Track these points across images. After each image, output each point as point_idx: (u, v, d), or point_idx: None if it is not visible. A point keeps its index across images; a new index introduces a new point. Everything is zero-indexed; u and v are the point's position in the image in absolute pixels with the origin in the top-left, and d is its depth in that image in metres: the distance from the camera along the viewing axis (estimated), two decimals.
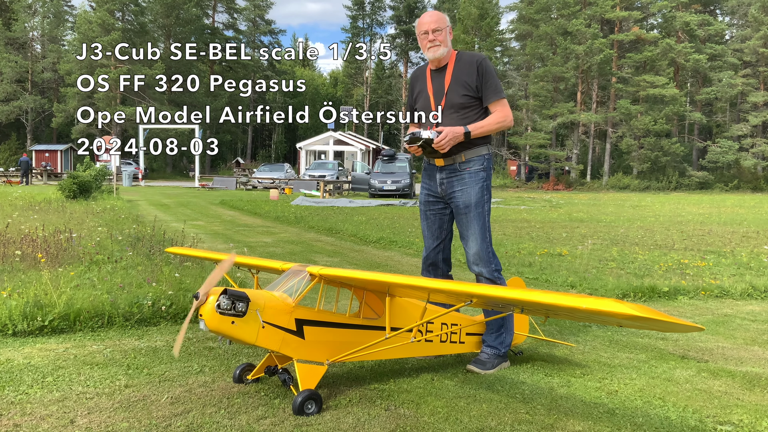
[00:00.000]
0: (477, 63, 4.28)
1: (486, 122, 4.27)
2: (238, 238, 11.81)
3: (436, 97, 4.39)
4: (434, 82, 4.41)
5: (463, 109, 4.29)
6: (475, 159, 4.32)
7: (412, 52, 77.76)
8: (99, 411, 3.32)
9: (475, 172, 4.32)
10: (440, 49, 4.31)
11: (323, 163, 41.72)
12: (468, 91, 4.27)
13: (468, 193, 4.32)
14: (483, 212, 4.32)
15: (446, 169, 4.38)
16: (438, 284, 3.24)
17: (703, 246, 11.17)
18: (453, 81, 4.31)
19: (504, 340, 4.28)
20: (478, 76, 4.25)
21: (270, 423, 3.20)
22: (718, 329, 5.55)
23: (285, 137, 76.26)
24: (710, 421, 3.39)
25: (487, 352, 4.25)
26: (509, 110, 4.35)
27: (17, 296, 5.05)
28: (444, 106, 4.34)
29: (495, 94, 4.27)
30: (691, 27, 52.12)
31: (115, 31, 52.29)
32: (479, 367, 4.16)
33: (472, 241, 4.35)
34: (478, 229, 4.32)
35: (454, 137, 4.15)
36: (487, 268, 4.32)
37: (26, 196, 19.81)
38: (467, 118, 4.27)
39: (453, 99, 4.30)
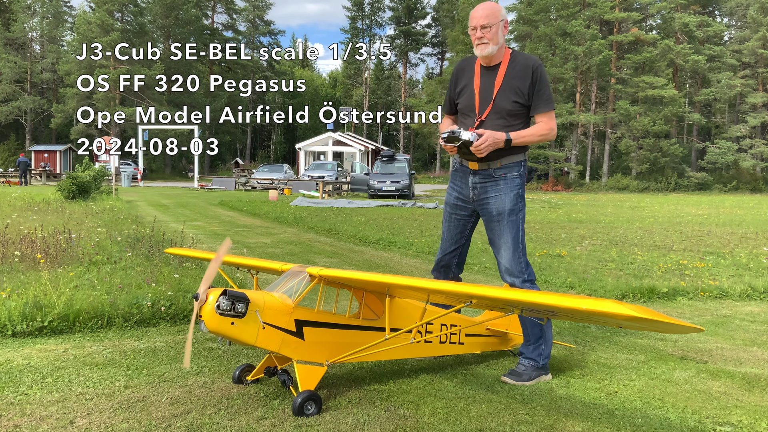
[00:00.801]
0: (533, 68, 4.04)
1: (529, 132, 4.08)
2: (238, 239, 11.81)
3: (482, 97, 4.13)
4: (483, 80, 4.14)
5: (510, 116, 4.07)
6: (512, 165, 4.13)
7: (411, 53, 77.82)
8: (99, 412, 3.32)
9: (511, 178, 4.13)
10: (488, 47, 4.02)
11: (322, 164, 41.72)
12: (519, 98, 4.04)
13: (502, 200, 4.12)
14: (517, 220, 4.13)
15: (480, 173, 4.17)
16: (437, 285, 3.24)
17: (702, 247, 11.18)
18: (504, 84, 4.06)
19: (542, 352, 4.10)
20: (532, 83, 4.02)
21: (270, 424, 3.20)
22: (717, 330, 5.55)
23: (284, 138, 76.28)
24: (709, 422, 3.40)
25: (525, 363, 4.08)
26: (554, 123, 4.13)
27: (16, 297, 5.05)
28: (491, 110, 4.09)
29: (545, 105, 4.07)
30: (690, 28, 52.17)
31: (114, 32, 52.26)
32: (515, 379, 3.98)
33: (504, 251, 4.14)
34: (511, 238, 4.12)
35: (494, 143, 3.94)
36: (519, 278, 4.12)
37: (25, 197, 19.80)
38: (512, 125, 4.07)
39: (502, 103, 4.07)
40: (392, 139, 75.68)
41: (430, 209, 21.83)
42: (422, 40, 77.26)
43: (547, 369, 4.12)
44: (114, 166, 28.13)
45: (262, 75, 70.43)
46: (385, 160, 33.82)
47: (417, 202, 25.32)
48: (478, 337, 4.35)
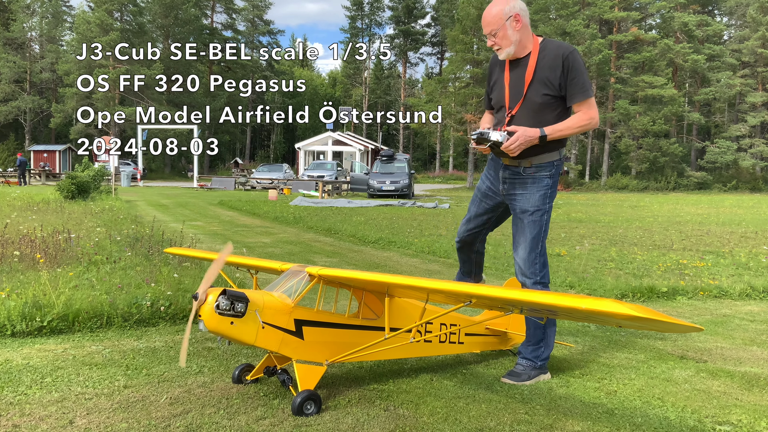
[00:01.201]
0: (563, 57, 3.83)
1: (566, 125, 3.88)
2: (237, 239, 11.80)
3: (512, 92, 4.00)
4: (512, 74, 4.01)
5: (542, 110, 3.91)
6: (544, 165, 4.00)
7: (411, 53, 77.81)
8: (98, 411, 3.32)
9: (540, 178, 4.01)
10: (504, 51, 3.95)
11: (322, 164, 41.71)
12: (549, 90, 3.87)
13: (527, 198, 4.03)
14: (540, 221, 4.02)
15: (510, 169, 4.07)
16: (437, 285, 3.23)
17: (702, 246, 11.18)
18: (535, 77, 3.90)
19: (541, 354, 4.08)
20: (563, 72, 3.83)
21: (269, 423, 3.20)
22: (717, 329, 5.55)
23: (284, 137, 76.28)
24: (709, 422, 3.40)
25: (523, 363, 4.06)
26: (595, 111, 3.92)
27: (16, 297, 5.04)
28: (521, 106, 3.95)
29: (581, 93, 3.85)
30: (689, 27, 52.18)
31: (113, 32, 52.23)
32: (514, 379, 3.97)
33: (521, 249, 4.08)
34: (530, 237, 4.03)
35: (526, 141, 3.81)
36: (531, 279, 4.05)
37: (24, 197, 19.80)
38: (545, 119, 3.90)
39: (533, 98, 3.91)
40: (392, 139, 75.68)
41: (429, 209, 21.83)
42: (422, 39, 77.32)
43: (545, 369, 4.11)
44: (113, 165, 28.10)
45: (262, 75, 70.44)
46: (384, 159, 33.82)
47: (416, 202, 25.32)
48: (477, 336, 4.35)
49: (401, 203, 24.46)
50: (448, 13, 70.83)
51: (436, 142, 68.59)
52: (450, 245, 10.60)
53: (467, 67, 51.63)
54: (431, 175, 64.57)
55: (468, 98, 49.48)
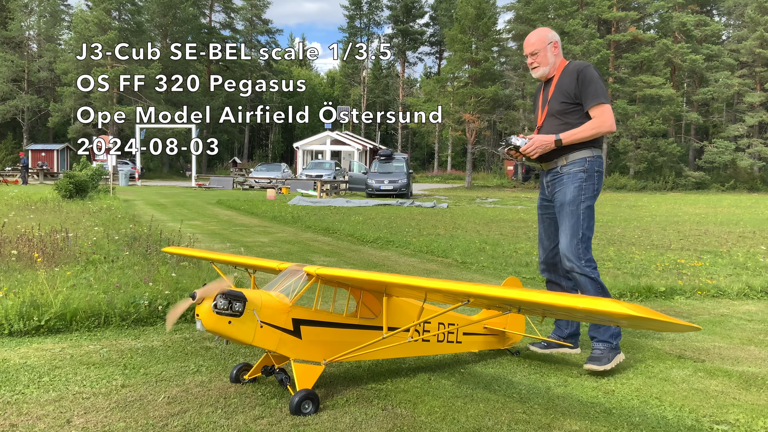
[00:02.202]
0: (578, 71, 4.42)
1: (581, 128, 4.38)
2: (235, 238, 11.80)
3: (542, 108, 4.65)
4: (543, 94, 4.67)
5: (563, 116, 4.46)
6: (576, 162, 4.44)
7: (410, 52, 77.79)
8: (95, 411, 3.31)
9: (574, 173, 4.44)
10: (539, 70, 4.57)
11: (320, 163, 41.70)
12: (566, 98, 4.44)
13: (564, 192, 4.46)
14: (577, 211, 4.40)
15: (550, 172, 4.59)
16: (435, 284, 3.23)
17: (700, 246, 11.19)
18: (556, 90, 4.52)
19: (614, 331, 4.33)
20: (578, 83, 4.39)
21: (267, 423, 3.20)
22: (715, 329, 5.55)
23: (282, 137, 76.23)
24: (707, 421, 3.40)
25: (600, 347, 4.27)
26: (609, 116, 4.40)
27: (13, 296, 5.03)
28: (546, 115, 4.57)
29: (593, 99, 4.37)
30: (687, 27, 52.21)
31: (111, 31, 52.14)
32: (596, 364, 4.15)
33: (563, 237, 4.46)
34: (570, 225, 4.41)
35: (541, 144, 4.39)
36: (577, 263, 4.37)
37: (22, 196, 19.77)
38: (568, 124, 4.42)
39: (554, 106, 4.51)
40: (390, 139, 75.67)
41: (428, 208, 21.84)
42: (420, 39, 77.30)
43: (619, 348, 4.33)
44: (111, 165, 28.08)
45: (260, 74, 70.38)
46: (383, 159, 33.83)
47: (415, 202, 25.32)
48: (475, 335, 4.35)
49: (399, 203, 24.46)
50: (446, 12, 70.85)
51: (435, 142, 68.61)
52: (448, 245, 10.60)
53: (466, 66, 51.63)
54: (429, 174, 64.58)
55: (466, 98, 49.48)
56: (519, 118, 53.79)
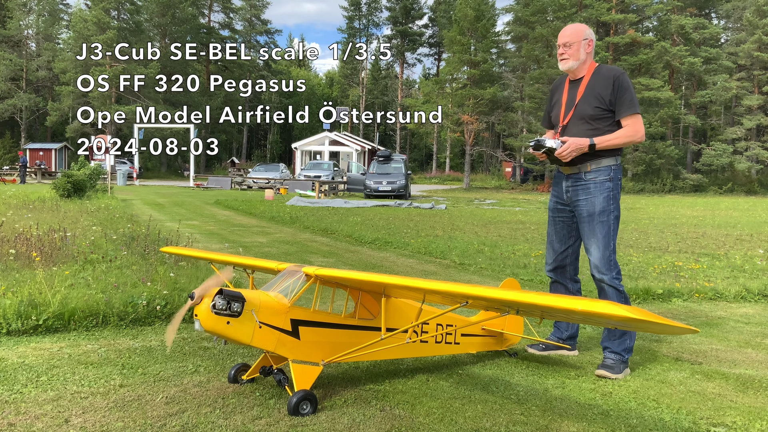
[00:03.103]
0: (614, 78, 4.35)
1: (614, 136, 4.32)
2: (233, 238, 11.79)
3: (567, 107, 4.51)
4: (569, 93, 4.54)
5: (593, 121, 4.36)
6: (602, 169, 4.38)
7: (408, 53, 77.80)
8: (94, 410, 3.31)
9: (601, 182, 4.38)
10: (568, 62, 4.46)
11: (318, 164, 41.70)
12: (600, 104, 4.34)
13: (592, 202, 4.39)
14: (608, 221, 4.37)
15: (572, 177, 4.48)
16: (433, 285, 3.24)
17: (697, 248, 11.20)
18: (586, 92, 4.40)
19: (627, 346, 4.33)
20: (614, 90, 4.32)
21: (265, 423, 3.20)
22: (712, 331, 5.57)
23: (280, 137, 76.17)
24: (704, 423, 3.41)
25: (612, 357, 4.29)
26: (641, 126, 4.38)
27: (11, 295, 5.03)
28: (573, 116, 4.44)
29: (628, 108, 4.32)
30: (686, 30, 52.27)
31: (110, 30, 52.08)
32: (608, 371, 4.19)
33: (594, 249, 4.41)
34: (601, 237, 4.37)
35: (577, 148, 4.28)
36: (608, 275, 4.36)
37: (20, 195, 19.73)
38: (597, 129, 4.35)
39: (584, 110, 4.39)
40: (389, 139, 75.68)
41: (426, 209, 21.84)
42: (419, 40, 77.29)
43: (628, 363, 4.34)
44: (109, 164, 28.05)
45: (259, 74, 70.34)
46: (381, 160, 33.83)
47: (413, 203, 25.32)
48: (473, 337, 4.36)
49: (398, 204, 24.47)
50: (445, 14, 70.84)
51: (433, 143, 68.62)
52: (446, 246, 10.61)
53: (464, 68, 51.66)
54: (428, 175, 64.58)
55: (465, 99, 49.51)
56: (517, 120, 53.86)
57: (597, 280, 4.44)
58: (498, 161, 62.37)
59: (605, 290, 4.42)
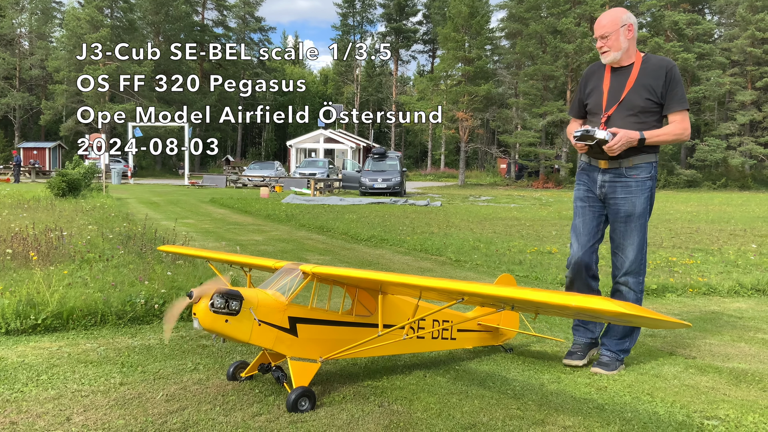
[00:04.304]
0: (667, 69, 4.11)
1: (664, 131, 4.12)
2: (229, 237, 11.81)
3: (611, 96, 4.21)
4: (613, 81, 4.24)
5: (642, 113, 4.13)
6: (644, 166, 4.16)
7: (402, 50, 77.76)
8: (95, 408, 3.34)
9: (642, 180, 4.16)
10: (610, 54, 4.18)
11: (314, 161, 41.68)
12: (652, 96, 4.11)
13: (632, 202, 4.17)
14: (645, 224, 4.21)
15: (610, 172, 4.21)
16: (429, 282, 3.27)
17: (691, 244, 11.28)
18: (637, 83, 4.14)
19: (625, 347, 4.31)
20: (666, 82, 4.10)
21: (265, 420, 3.23)
22: (706, 326, 5.63)
23: (275, 135, 76.09)
24: (697, 416, 3.46)
25: (608, 355, 4.26)
26: (689, 123, 4.17)
27: (9, 294, 5.05)
28: (620, 107, 4.16)
29: (679, 103, 4.12)
30: (679, 26, 52.40)
31: (103, 28, 51.91)
32: (603, 369, 4.17)
33: (629, 251, 4.23)
34: (638, 240, 4.21)
35: (628, 141, 4.02)
36: (635, 278, 4.26)
37: (15, 194, 19.68)
38: (645, 123, 4.12)
39: (634, 100, 4.13)
40: (383, 137, 75.67)
41: (421, 207, 21.88)
42: (413, 37, 77.31)
43: (623, 361, 4.32)
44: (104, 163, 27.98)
45: (254, 72, 70.23)
46: (376, 157, 33.84)
47: (408, 200, 25.36)
48: (469, 332, 4.40)
49: (393, 201, 24.50)
50: (439, 10, 70.82)
51: (428, 140, 68.65)
52: (442, 243, 10.65)
53: (459, 64, 51.68)
54: (423, 172, 64.65)
55: (460, 96, 49.54)
56: (512, 117, 53.92)
57: (621, 282, 4.29)
58: (493, 158, 62.44)
59: (622, 292, 4.31)
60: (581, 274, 4.40)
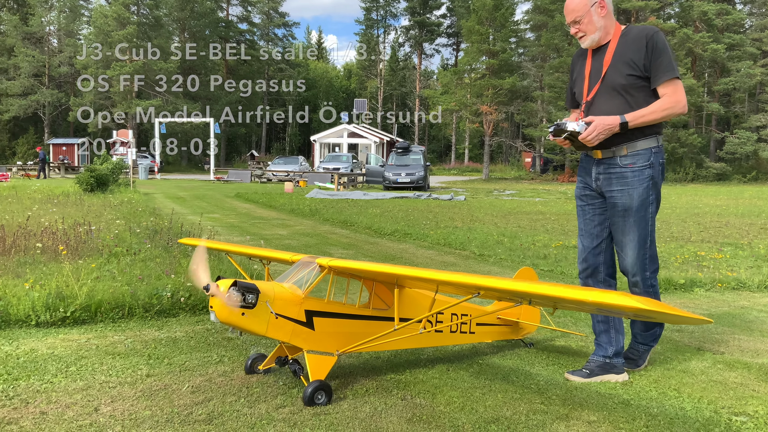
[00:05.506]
0: (647, 38, 3.67)
1: (651, 109, 3.66)
2: (254, 231, 11.90)
3: (591, 80, 3.86)
4: (593, 63, 3.89)
5: (628, 93, 3.72)
6: (641, 153, 3.75)
7: (426, 44, 77.46)
8: (122, 399, 3.40)
9: (640, 169, 3.76)
10: (587, 38, 3.84)
11: (337, 156, 41.77)
12: (633, 71, 3.69)
13: (629, 194, 3.78)
14: (646, 216, 3.81)
15: (604, 162, 3.84)
16: (445, 276, 3.24)
17: (720, 238, 11.09)
18: (615, 59, 3.75)
19: (655, 333, 4.14)
20: (647, 52, 3.66)
21: (288, 412, 3.26)
22: (735, 321, 5.53)
23: (299, 130, 76.39)
24: (725, 412, 3.40)
25: (637, 348, 4.14)
26: (682, 94, 3.69)
27: (39, 288, 5.15)
28: (599, 89, 3.80)
29: (666, 72, 3.64)
30: (709, 16, 51.43)
31: (130, 25, 52.55)
32: (631, 366, 4.08)
33: (628, 248, 3.86)
34: (637, 236, 3.82)
35: (604, 129, 3.63)
36: (641, 275, 3.88)
37: (45, 190, 20.05)
38: (634, 102, 3.71)
39: (615, 79, 3.74)
40: (407, 131, 75.55)
41: (445, 201, 21.82)
42: (437, 30, 76.91)
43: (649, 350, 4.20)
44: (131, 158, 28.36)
45: (277, 67, 70.51)
46: (400, 151, 33.80)
47: (432, 194, 25.30)
48: (489, 326, 4.36)
49: (417, 195, 24.47)
50: (463, 3, 70.32)
51: (452, 134, 68.36)
52: (466, 237, 10.61)
53: (483, 58, 51.35)
54: (447, 167, 64.41)
55: (484, 89, 49.23)
56: (537, 110, 53.44)
57: (632, 284, 3.98)
58: (517, 152, 62.00)
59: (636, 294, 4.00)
60: (592, 278, 4.11)
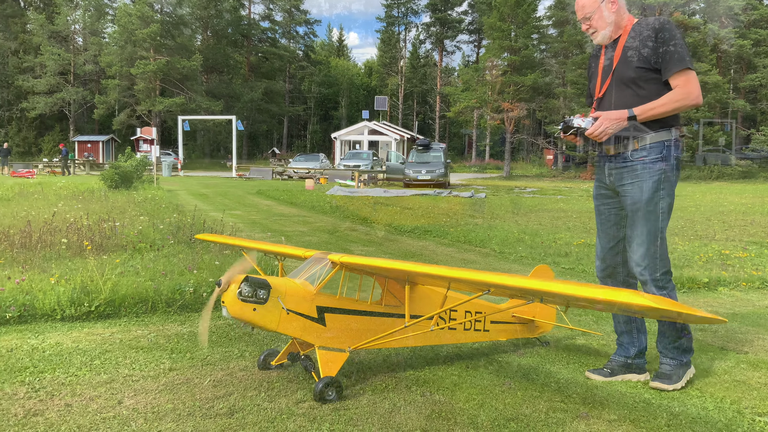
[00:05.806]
0: (655, 29, 3.60)
1: (659, 102, 3.58)
2: (275, 228, 11.97)
3: (603, 75, 3.82)
4: (605, 58, 3.84)
5: (638, 86, 3.64)
6: (654, 146, 3.66)
7: (447, 41, 77.18)
8: (145, 393, 3.45)
9: (651, 162, 3.67)
10: (598, 35, 3.80)
11: (358, 153, 41.81)
12: (643, 63, 3.61)
13: (638, 187, 3.69)
14: (655, 211, 3.68)
15: (616, 158, 3.78)
16: (456, 273, 3.22)
17: (745, 237, 10.93)
18: (624, 52, 3.69)
19: (681, 345, 3.77)
20: (656, 42, 3.58)
21: (308, 407, 3.28)
22: (759, 321, 5.46)
23: (320, 127, 76.61)
24: (748, 413, 3.37)
25: (669, 363, 3.78)
26: (695, 85, 3.58)
27: (65, 282, 5.25)
28: (611, 84, 3.75)
29: (677, 63, 3.53)
30: (735, 11, 50.63)
31: (154, 23, 53.08)
32: (665, 382, 3.70)
33: (636, 244, 3.73)
34: (645, 232, 3.69)
35: (611, 124, 3.59)
36: (651, 275, 3.71)
37: (70, 186, 20.35)
38: (647, 95, 3.62)
39: (624, 73, 3.68)
40: (428, 128, 75.38)
41: (465, 198, 21.76)
42: (458, 27, 76.56)
43: (690, 363, 3.84)
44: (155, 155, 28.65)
45: (299, 64, 70.72)
46: (420, 149, 33.74)
47: (452, 191, 25.23)
48: (503, 324, 4.32)
49: (437, 192, 24.41)
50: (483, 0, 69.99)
51: (473, 131, 68.06)
52: (486, 234, 10.58)
53: (505, 54, 51.04)
54: (467, 164, 64.10)
55: (505, 86, 48.95)
56: (559, 107, 53.00)
57: (641, 283, 3.83)
58: (539, 149, 61.51)
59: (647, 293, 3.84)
60: (612, 278, 4.03)
